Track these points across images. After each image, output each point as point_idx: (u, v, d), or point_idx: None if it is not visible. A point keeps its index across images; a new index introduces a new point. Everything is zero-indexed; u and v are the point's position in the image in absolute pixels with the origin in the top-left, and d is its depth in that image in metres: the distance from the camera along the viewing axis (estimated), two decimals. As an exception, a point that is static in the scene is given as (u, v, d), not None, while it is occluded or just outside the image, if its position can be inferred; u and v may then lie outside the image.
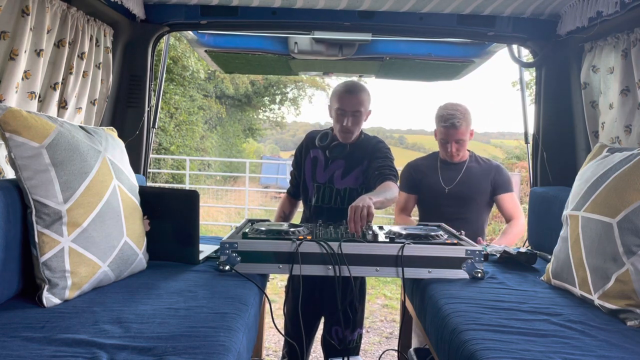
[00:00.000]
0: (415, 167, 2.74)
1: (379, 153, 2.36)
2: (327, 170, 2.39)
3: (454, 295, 1.59)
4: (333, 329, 2.40)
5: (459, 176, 2.61)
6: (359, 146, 2.38)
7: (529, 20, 2.38)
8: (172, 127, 11.81)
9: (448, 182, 2.62)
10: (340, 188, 2.37)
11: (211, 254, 1.99)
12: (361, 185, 2.38)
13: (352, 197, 2.31)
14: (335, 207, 2.36)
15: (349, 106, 2.27)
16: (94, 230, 1.50)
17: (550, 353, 1.17)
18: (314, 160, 2.44)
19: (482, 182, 2.61)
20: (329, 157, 2.39)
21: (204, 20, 2.41)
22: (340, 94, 2.30)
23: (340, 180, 2.38)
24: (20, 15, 1.65)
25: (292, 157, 2.61)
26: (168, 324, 1.29)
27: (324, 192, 2.40)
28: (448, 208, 2.58)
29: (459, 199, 2.58)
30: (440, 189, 2.61)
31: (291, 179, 2.62)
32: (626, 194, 1.44)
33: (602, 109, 2.10)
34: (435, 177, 2.64)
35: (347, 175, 2.37)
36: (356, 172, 2.37)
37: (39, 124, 1.42)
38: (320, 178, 2.40)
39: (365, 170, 2.35)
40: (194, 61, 11.53)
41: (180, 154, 11.90)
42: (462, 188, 2.59)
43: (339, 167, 2.38)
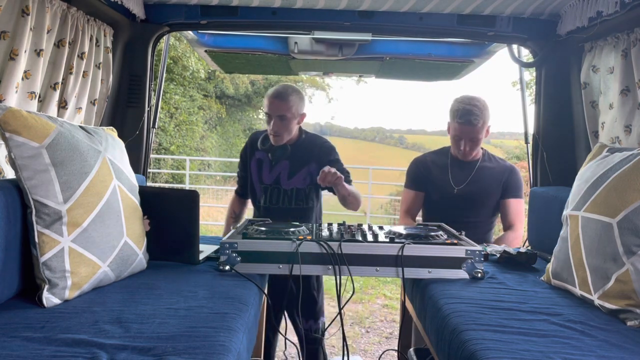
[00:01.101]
0: (423, 162, 2.58)
1: (329, 156, 2.44)
2: (272, 172, 2.45)
3: (454, 295, 1.59)
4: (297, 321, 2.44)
5: (470, 176, 2.45)
6: (301, 147, 2.44)
7: (529, 20, 2.38)
8: (172, 127, 11.82)
9: (458, 182, 2.46)
10: (287, 188, 2.44)
11: (211, 254, 1.99)
12: (309, 186, 2.45)
13: (300, 197, 2.43)
14: (283, 207, 2.43)
15: (274, 110, 2.35)
16: (94, 230, 1.50)
17: (550, 353, 1.17)
18: (259, 162, 2.48)
19: (494, 183, 2.46)
20: (272, 159, 2.44)
21: (204, 20, 2.41)
22: (268, 98, 2.39)
23: (287, 181, 2.44)
24: (20, 15, 1.65)
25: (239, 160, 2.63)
26: (168, 324, 1.29)
27: (272, 192, 2.46)
28: (455, 210, 2.43)
29: (468, 200, 2.44)
30: (448, 189, 2.46)
31: (238, 180, 2.65)
32: (626, 194, 1.44)
33: (602, 109, 2.10)
34: (444, 175, 2.48)
35: (293, 176, 2.44)
36: (303, 173, 2.44)
37: (39, 124, 1.42)
38: (267, 179, 2.46)
39: (314, 173, 2.38)
40: (194, 61, 11.54)
41: (180, 154, 11.91)
42: (473, 189, 2.44)
43: (284, 168, 2.44)
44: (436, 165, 2.55)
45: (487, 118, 2.38)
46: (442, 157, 2.57)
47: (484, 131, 2.39)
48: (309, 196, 2.47)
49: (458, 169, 2.49)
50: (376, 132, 60.86)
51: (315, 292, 2.52)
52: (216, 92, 15.05)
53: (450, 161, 2.52)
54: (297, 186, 2.43)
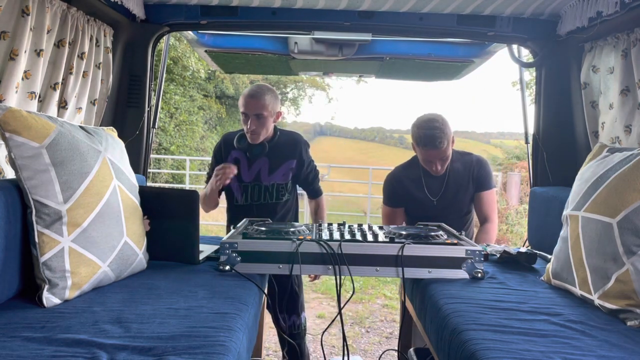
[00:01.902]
0: (398, 180, 2.60)
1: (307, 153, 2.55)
2: (251, 170, 2.49)
3: (454, 295, 1.59)
4: (280, 317, 2.52)
5: (444, 184, 2.51)
6: (278, 144, 2.49)
7: (529, 20, 2.39)
8: (172, 127, 11.82)
9: (434, 193, 2.52)
10: (268, 184, 2.49)
11: (211, 254, 1.99)
12: (290, 181, 2.52)
13: (280, 192, 2.50)
14: (265, 202, 2.49)
15: (251, 110, 2.39)
16: (94, 230, 1.50)
17: (550, 353, 1.17)
18: (236, 162, 2.50)
19: (465, 182, 2.53)
20: (250, 157, 2.47)
21: (204, 20, 2.41)
22: (244, 98, 2.42)
23: (267, 177, 2.49)
24: (20, 15, 1.65)
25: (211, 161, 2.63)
26: (168, 324, 1.29)
27: (252, 190, 2.50)
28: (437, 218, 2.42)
29: (447, 207, 2.51)
30: (427, 201, 2.52)
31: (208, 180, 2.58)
32: (626, 194, 1.44)
33: (602, 109, 2.10)
34: (420, 190, 2.54)
35: (273, 172, 2.49)
36: (283, 169, 2.49)
37: (39, 124, 1.42)
38: (246, 177, 2.49)
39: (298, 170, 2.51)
40: (194, 61, 11.54)
41: (180, 154, 11.91)
42: (449, 195, 2.51)
43: (264, 164, 2.49)
44: (410, 180, 2.57)
45: (450, 134, 2.41)
46: (414, 170, 2.58)
47: (450, 147, 2.44)
48: (288, 191, 2.54)
49: (431, 180, 2.53)
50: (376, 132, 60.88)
51: (297, 288, 2.58)
52: (216, 92, 15.05)
53: (422, 173, 2.55)
54: (277, 181, 2.49)
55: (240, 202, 2.51)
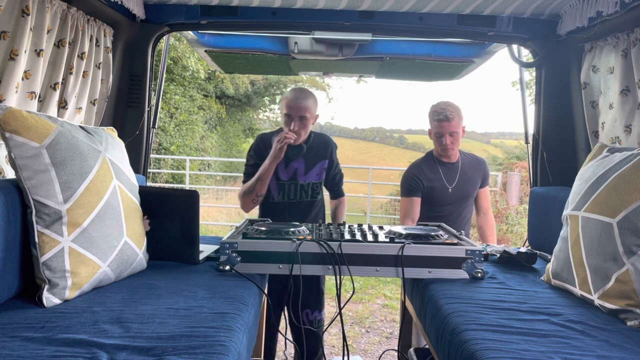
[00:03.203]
0: (419, 170, 2.76)
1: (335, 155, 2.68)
2: (288, 168, 2.56)
3: (454, 295, 1.59)
4: (304, 313, 2.58)
5: (458, 174, 2.72)
6: (313, 145, 2.60)
7: (529, 20, 2.38)
8: (172, 127, 11.81)
9: (450, 182, 2.71)
10: (304, 183, 2.58)
11: (211, 254, 1.99)
12: (322, 181, 2.64)
13: (315, 191, 2.61)
14: (300, 201, 2.58)
15: (296, 112, 2.46)
16: (94, 230, 1.50)
17: (550, 353, 1.17)
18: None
19: (476, 177, 2.76)
20: (289, 157, 2.54)
21: (204, 20, 2.41)
22: (289, 101, 2.48)
23: (303, 176, 2.58)
24: (20, 15, 1.65)
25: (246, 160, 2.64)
26: (168, 324, 1.29)
27: (289, 188, 2.58)
28: (449, 206, 2.70)
29: (460, 196, 2.71)
30: (444, 189, 2.71)
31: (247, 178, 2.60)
32: (626, 194, 1.44)
33: (602, 109, 2.10)
34: (438, 177, 2.72)
35: (308, 172, 2.58)
36: (317, 169, 2.60)
37: (39, 124, 1.42)
38: (283, 176, 2.56)
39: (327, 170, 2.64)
40: (194, 61, 11.53)
41: (180, 154, 11.90)
42: (463, 186, 2.71)
43: (300, 164, 2.57)
44: (429, 169, 2.76)
45: (461, 117, 2.68)
46: (430, 161, 2.79)
47: (460, 127, 2.67)
48: (321, 189, 2.67)
49: (447, 170, 2.74)
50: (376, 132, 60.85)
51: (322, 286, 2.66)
52: (216, 92, 15.04)
53: (439, 164, 2.76)
54: (312, 181, 2.59)
55: (276, 199, 2.56)
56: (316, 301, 2.62)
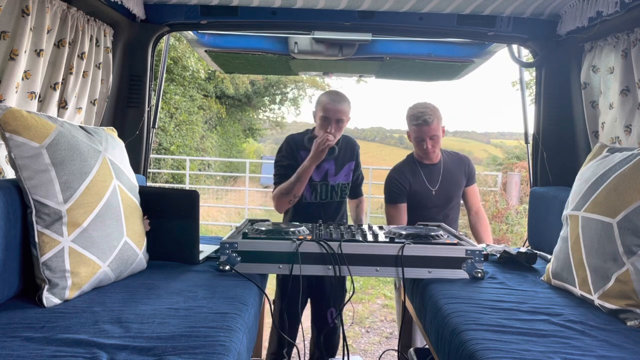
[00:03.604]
0: (400, 174, 2.68)
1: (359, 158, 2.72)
2: (319, 170, 2.57)
3: (454, 295, 1.59)
4: (328, 312, 2.63)
5: (440, 176, 2.67)
6: (342, 147, 2.63)
7: (529, 20, 2.38)
8: (172, 127, 11.81)
9: (432, 183, 2.67)
10: (335, 184, 2.61)
11: (211, 254, 2.00)
12: (350, 182, 2.67)
13: (344, 192, 2.65)
14: (332, 201, 2.62)
15: (333, 114, 2.47)
16: (94, 230, 1.50)
17: (550, 353, 1.17)
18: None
19: (459, 176, 2.71)
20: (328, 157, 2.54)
21: (204, 20, 2.41)
22: (327, 104, 2.49)
23: (333, 177, 2.61)
24: (20, 15, 1.65)
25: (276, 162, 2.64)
26: (168, 324, 1.29)
27: (321, 189, 2.60)
28: (434, 209, 2.65)
29: (444, 198, 2.65)
30: (427, 191, 2.65)
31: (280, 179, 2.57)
32: (626, 194, 1.44)
33: (602, 109, 2.10)
34: (420, 180, 2.66)
35: (338, 173, 2.62)
36: (345, 170, 2.64)
37: (39, 124, 1.42)
38: (315, 177, 2.57)
39: (354, 171, 2.68)
40: (194, 61, 11.53)
41: (180, 154, 11.90)
42: (446, 187, 2.66)
43: (330, 166, 2.60)
44: (410, 172, 2.69)
45: (440, 118, 2.61)
46: (411, 164, 2.72)
47: (440, 129, 2.61)
48: (348, 190, 2.70)
49: (428, 171, 2.68)
50: (376, 132, 60.83)
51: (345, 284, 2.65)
52: (216, 92, 15.03)
53: (420, 166, 2.69)
54: (341, 181, 2.64)
55: (309, 199, 2.58)
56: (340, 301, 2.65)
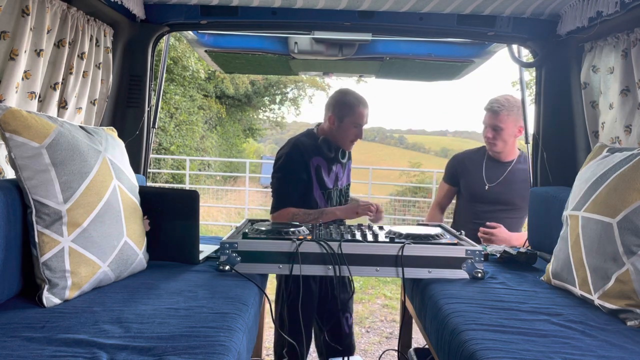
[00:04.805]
0: (459, 159, 2.74)
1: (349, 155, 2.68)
2: (331, 175, 2.52)
3: (454, 295, 1.59)
4: (344, 317, 2.57)
5: (503, 175, 2.57)
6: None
7: (529, 20, 2.38)
8: (172, 127, 11.81)
9: (490, 180, 2.57)
10: (342, 187, 2.58)
11: (211, 254, 1.99)
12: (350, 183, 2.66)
13: (348, 193, 2.63)
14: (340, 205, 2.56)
15: (364, 121, 2.46)
16: (94, 230, 1.50)
17: (550, 353, 1.17)
18: (318, 168, 2.49)
19: (525, 185, 2.54)
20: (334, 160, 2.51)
21: (204, 20, 2.41)
22: (360, 110, 2.44)
23: (341, 181, 2.59)
24: (20, 15, 1.65)
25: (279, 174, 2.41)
26: (168, 324, 1.29)
27: (333, 195, 2.54)
28: (485, 207, 2.56)
29: (498, 199, 2.55)
30: (480, 185, 2.59)
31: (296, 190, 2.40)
32: (626, 194, 1.44)
33: (602, 109, 2.10)
34: (478, 172, 2.61)
35: (344, 175, 2.61)
36: (347, 171, 2.64)
37: (39, 124, 1.42)
38: (329, 183, 2.52)
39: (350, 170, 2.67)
40: (194, 61, 11.54)
41: (180, 154, 11.91)
42: (503, 189, 2.56)
43: (339, 169, 2.56)
44: (471, 162, 2.67)
45: (513, 113, 2.51)
46: (479, 155, 2.69)
47: (508, 122, 2.51)
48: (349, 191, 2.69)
49: (492, 167, 2.60)
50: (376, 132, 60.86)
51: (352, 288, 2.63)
52: (216, 92, 15.04)
53: (486, 159, 2.63)
54: (346, 183, 2.62)
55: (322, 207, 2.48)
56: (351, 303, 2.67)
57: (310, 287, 2.43)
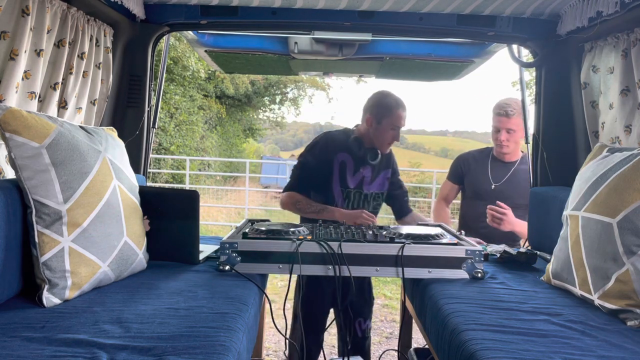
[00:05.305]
0: (464, 159, 2.83)
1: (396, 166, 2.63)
2: (356, 175, 2.47)
3: (454, 295, 1.59)
4: (357, 322, 2.55)
5: (508, 175, 2.66)
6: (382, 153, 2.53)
7: (529, 20, 2.38)
8: (172, 127, 11.81)
9: (496, 179, 2.67)
10: (368, 193, 2.50)
11: (211, 254, 1.99)
12: (384, 192, 2.55)
13: (377, 202, 2.52)
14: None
15: (402, 123, 2.43)
16: (94, 230, 1.50)
17: (550, 353, 1.17)
18: (343, 165, 2.46)
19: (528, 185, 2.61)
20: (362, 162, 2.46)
21: (204, 20, 2.41)
22: (398, 112, 2.41)
23: (368, 185, 2.50)
24: (20, 15, 1.65)
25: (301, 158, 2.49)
26: (168, 324, 1.29)
27: (354, 196, 2.48)
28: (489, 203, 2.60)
29: (503, 198, 2.62)
30: (486, 184, 2.69)
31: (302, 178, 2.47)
32: (626, 194, 1.44)
33: (602, 109, 2.10)
34: (483, 171, 2.71)
35: (373, 181, 2.52)
36: (380, 179, 2.54)
37: (39, 124, 1.42)
38: (351, 183, 2.47)
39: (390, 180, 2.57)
40: (194, 61, 11.54)
41: (180, 154, 11.91)
42: (508, 187, 2.64)
43: (367, 172, 2.48)
44: (477, 162, 2.77)
45: (521, 115, 2.62)
46: (484, 155, 2.80)
47: (519, 125, 2.62)
48: (382, 200, 2.59)
49: (498, 167, 2.72)
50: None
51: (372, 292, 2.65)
52: (216, 92, 15.04)
53: (491, 160, 2.75)
54: (375, 191, 2.53)
55: (340, 207, 2.45)
56: (368, 310, 2.61)
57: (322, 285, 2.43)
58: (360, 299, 2.54)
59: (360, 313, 2.57)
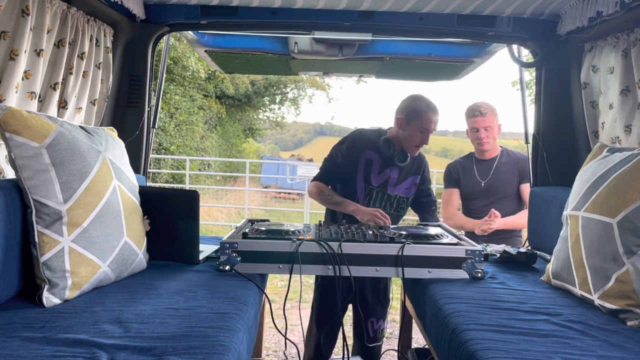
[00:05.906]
0: (454, 165, 3.03)
1: (427, 174, 2.64)
2: (381, 175, 2.47)
3: (454, 295, 1.59)
4: (369, 321, 2.56)
5: (492, 170, 2.86)
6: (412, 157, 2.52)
7: (529, 20, 2.38)
8: (172, 127, 11.81)
9: (483, 177, 2.85)
10: (392, 194, 2.50)
11: (211, 254, 1.99)
12: (410, 196, 2.55)
13: (401, 205, 2.52)
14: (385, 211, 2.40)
15: (432, 127, 2.43)
16: (94, 230, 1.50)
17: (550, 353, 1.17)
18: (368, 162, 2.48)
19: (511, 173, 2.85)
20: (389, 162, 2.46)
21: (204, 20, 2.41)
22: (428, 115, 2.40)
23: (393, 187, 2.50)
24: (20, 15, 1.65)
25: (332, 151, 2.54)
26: (168, 324, 1.29)
27: (377, 195, 2.48)
28: (483, 200, 2.85)
29: (492, 191, 2.84)
30: (476, 185, 2.88)
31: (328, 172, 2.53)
32: (626, 194, 1.44)
33: (602, 109, 2.10)
34: (471, 174, 2.91)
35: (400, 183, 2.51)
36: (408, 183, 2.53)
37: (39, 124, 1.42)
38: (375, 181, 2.48)
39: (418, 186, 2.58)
40: (194, 61, 11.53)
41: (180, 154, 11.91)
42: (494, 181, 2.84)
43: (393, 173, 2.49)
44: (464, 167, 2.98)
45: (495, 115, 2.83)
46: (468, 160, 3.00)
47: (494, 122, 2.82)
48: (406, 207, 2.58)
49: (482, 166, 2.91)
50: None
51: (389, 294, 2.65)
52: (216, 92, 15.04)
53: (475, 162, 2.94)
54: (399, 194, 2.52)
55: (361, 203, 2.45)
56: (382, 311, 2.61)
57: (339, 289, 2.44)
58: (374, 298, 2.53)
59: (372, 312, 2.57)
